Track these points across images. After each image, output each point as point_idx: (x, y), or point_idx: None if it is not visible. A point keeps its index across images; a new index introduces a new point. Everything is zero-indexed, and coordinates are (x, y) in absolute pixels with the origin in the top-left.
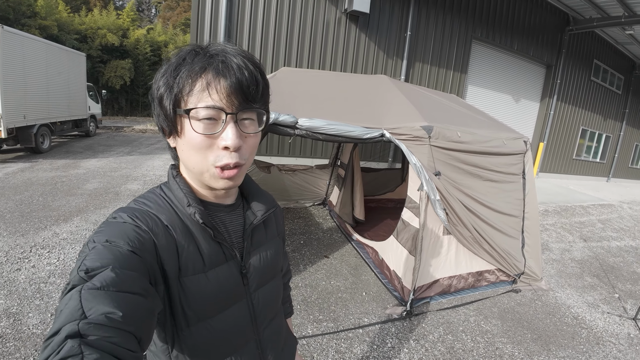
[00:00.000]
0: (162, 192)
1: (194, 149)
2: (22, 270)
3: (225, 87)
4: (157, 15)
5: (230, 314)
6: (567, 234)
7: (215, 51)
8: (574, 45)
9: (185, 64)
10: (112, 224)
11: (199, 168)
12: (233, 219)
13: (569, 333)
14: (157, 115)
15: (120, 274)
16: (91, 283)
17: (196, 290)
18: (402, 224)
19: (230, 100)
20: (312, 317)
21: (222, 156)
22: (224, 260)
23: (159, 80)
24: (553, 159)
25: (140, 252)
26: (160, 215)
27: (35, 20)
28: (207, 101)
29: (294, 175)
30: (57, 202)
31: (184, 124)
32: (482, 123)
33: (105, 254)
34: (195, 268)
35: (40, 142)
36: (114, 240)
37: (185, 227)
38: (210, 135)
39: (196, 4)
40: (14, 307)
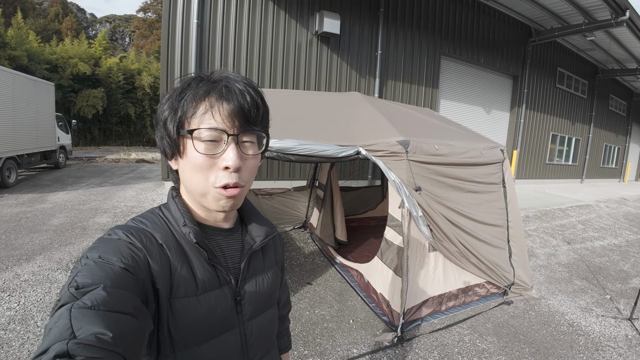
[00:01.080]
0: (161, 212)
1: (196, 169)
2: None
3: (227, 110)
4: (131, 43)
5: (219, 343)
6: (551, 238)
7: (219, 77)
8: (537, 55)
9: (190, 89)
10: (107, 240)
11: (200, 189)
12: (230, 244)
13: (567, 342)
14: (160, 138)
15: (111, 292)
16: (81, 301)
17: (186, 314)
18: (385, 244)
19: (232, 122)
20: (296, 353)
21: (222, 176)
22: (218, 285)
23: (164, 104)
24: (527, 165)
25: (133, 269)
26: (156, 233)
27: (5, 51)
28: (210, 122)
29: (271, 199)
30: (20, 240)
31: (186, 145)
32: (458, 134)
33: (97, 270)
34: (187, 290)
35: (6, 176)
36: (107, 256)
37: (180, 248)
38: (212, 155)
39: (166, 29)
40: None
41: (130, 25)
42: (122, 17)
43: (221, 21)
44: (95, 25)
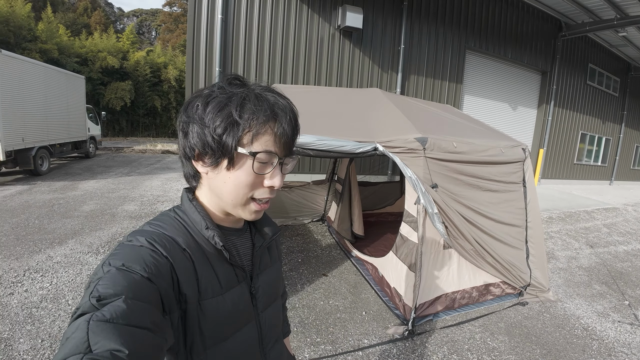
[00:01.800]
0: (177, 215)
1: (242, 185)
2: (14, 294)
3: (282, 137)
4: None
5: (242, 336)
6: (573, 240)
7: (275, 101)
8: (568, 50)
9: (251, 107)
10: (129, 246)
11: (239, 201)
12: (243, 242)
13: (580, 346)
14: (201, 143)
15: (131, 305)
16: (101, 313)
17: (215, 313)
18: (400, 239)
19: (282, 147)
20: (309, 340)
21: (264, 192)
22: (237, 282)
23: (214, 112)
24: (554, 165)
25: (155, 278)
26: (177, 237)
27: (36, 44)
28: (268, 147)
29: (291, 191)
30: (53, 225)
31: (242, 161)
32: (479, 132)
33: (119, 280)
34: (214, 291)
35: (39, 165)
36: (130, 264)
37: (201, 250)
38: (261, 174)
39: (191, 24)
40: (6, 332)
41: (157, 19)
42: (148, 11)
43: (245, 16)
44: (123, 19)
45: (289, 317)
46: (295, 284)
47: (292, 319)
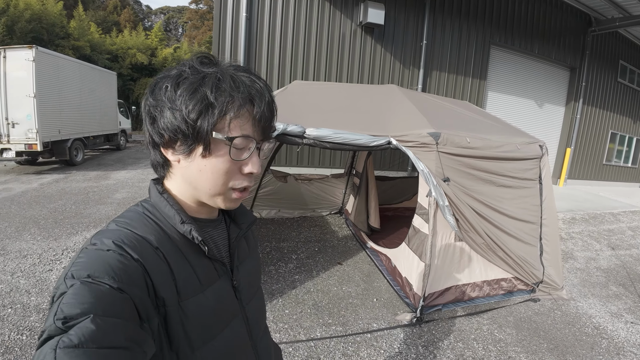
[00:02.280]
0: (146, 210)
1: (220, 173)
2: (53, 270)
3: (258, 120)
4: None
5: (230, 331)
6: (594, 242)
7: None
8: (597, 46)
9: (226, 87)
10: (93, 252)
11: (217, 190)
12: (220, 233)
13: (588, 343)
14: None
15: (101, 324)
16: (67, 338)
17: (198, 312)
18: (413, 231)
19: (259, 131)
20: (321, 321)
21: (243, 180)
22: (217, 277)
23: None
24: (582, 165)
25: (126, 287)
26: (149, 236)
27: (69, 41)
28: (245, 131)
29: (310, 184)
30: (89, 210)
31: (217, 147)
32: (495, 128)
33: (85, 295)
34: (194, 289)
35: (74, 155)
36: (96, 275)
37: (175, 247)
38: (239, 161)
39: (217, 22)
40: (44, 304)
41: (183, 16)
42: (175, 9)
43: (268, 14)
44: (151, 17)
45: (303, 300)
46: (311, 270)
47: (306, 301)
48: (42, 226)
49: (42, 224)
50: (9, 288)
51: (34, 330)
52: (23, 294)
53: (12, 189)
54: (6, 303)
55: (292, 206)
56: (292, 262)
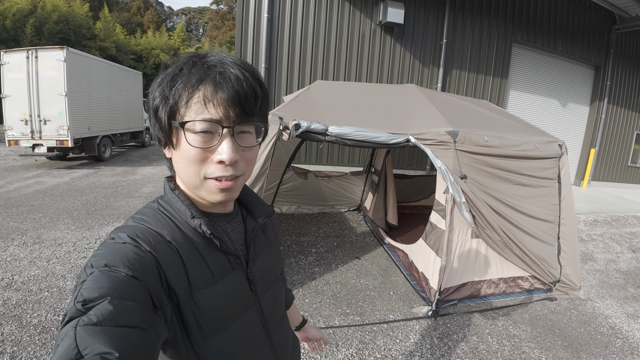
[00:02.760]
0: (160, 207)
1: (189, 162)
2: (88, 257)
3: (222, 100)
4: (205, 34)
5: (243, 322)
6: (616, 244)
7: (213, 62)
8: (622, 44)
9: (182, 75)
10: (111, 245)
11: (193, 181)
12: (234, 227)
13: (603, 342)
14: (152, 125)
15: (118, 305)
16: (87, 317)
17: (210, 303)
18: (430, 227)
19: (227, 113)
20: (339, 311)
21: (216, 169)
22: (231, 270)
23: (155, 90)
24: (606, 167)
25: (141, 275)
26: (162, 231)
27: (95, 42)
28: (204, 114)
29: (329, 181)
30: (118, 203)
31: (179, 137)
32: (514, 127)
33: (103, 281)
34: (205, 281)
35: (102, 151)
36: (113, 264)
37: (188, 241)
38: (205, 149)
39: (239, 24)
40: None
41: (204, 16)
42: (196, 9)
43: (289, 14)
44: (173, 18)
45: (322, 291)
46: (330, 263)
47: (325, 292)
48: (75, 217)
49: (75, 215)
50: (45, 273)
51: None
52: (59, 278)
53: (45, 182)
54: (43, 287)
55: (311, 202)
56: (311, 256)
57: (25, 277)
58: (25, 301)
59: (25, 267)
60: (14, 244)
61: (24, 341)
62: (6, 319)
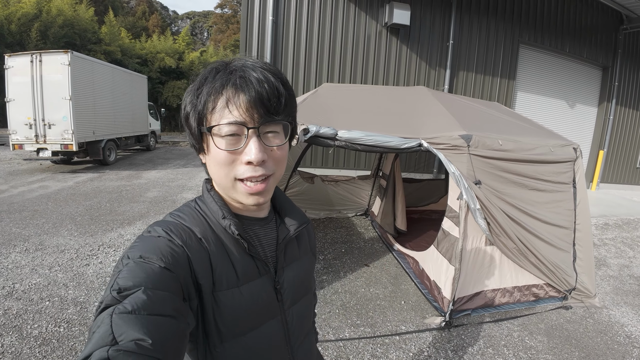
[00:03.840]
0: (197, 206)
1: (219, 165)
2: (90, 265)
3: (245, 102)
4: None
5: (264, 331)
6: (628, 249)
7: (235, 67)
8: (630, 44)
9: (207, 82)
10: (147, 238)
11: (225, 183)
12: (267, 233)
13: (620, 352)
14: (187, 134)
15: (151, 295)
16: (122, 306)
17: (230, 305)
18: (442, 234)
19: (251, 114)
20: (349, 322)
21: (245, 170)
22: (258, 275)
23: (186, 99)
24: (615, 168)
25: (173, 267)
26: (194, 228)
27: (101, 46)
28: (228, 117)
29: (336, 185)
30: (122, 208)
31: (208, 142)
32: (527, 130)
33: (138, 272)
34: (229, 282)
35: (107, 155)
36: (147, 256)
37: (219, 240)
38: (233, 151)
39: (244, 27)
40: (82, 297)
41: (208, 20)
42: (200, 13)
43: (294, 17)
44: (177, 22)
45: (331, 301)
46: (338, 271)
47: (334, 302)
48: (78, 222)
49: (78, 221)
50: (47, 282)
51: (71, 322)
52: (60, 287)
53: (49, 186)
54: (44, 296)
55: (318, 207)
56: (319, 263)
57: (26, 286)
58: (25, 311)
59: (27, 275)
60: (16, 251)
61: (24, 353)
62: (6, 330)
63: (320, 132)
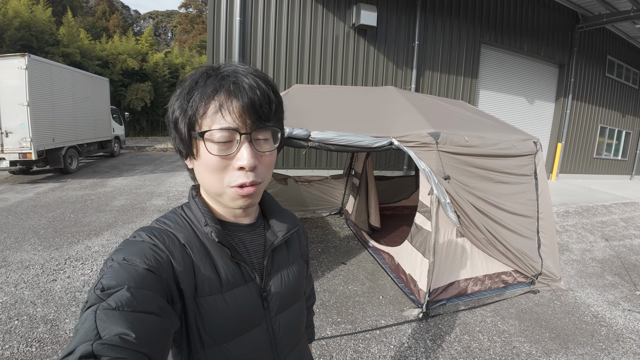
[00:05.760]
0: (183, 212)
1: (210, 171)
2: (57, 280)
3: (237, 108)
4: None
5: (248, 339)
6: (589, 234)
7: (227, 72)
8: (585, 42)
9: (198, 87)
10: (131, 242)
11: (215, 189)
12: (254, 239)
13: (588, 331)
14: (173, 138)
15: (135, 293)
16: (106, 303)
17: (212, 312)
18: (415, 228)
19: (243, 120)
20: (330, 320)
21: (238, 176)
22: (243, 282)
23: (174, 103)
24: (573, 159)
25: (156, 270)
26: (178, 234)
27: (59, 48)
28: (221, 123)
29: (310, 186)
30: (88, 218)
31: (199, 147)
32: (491, 126)
33: (122, 272)
34: (211, 288)
35: (68, 163)
36: (131, 258)
37: (203, 247)
38: (225, 156)
39: (211, 27)
40: (51, 314)
41: (172, 20)
42: (164, 13)
43: (262, 18)
44: (140, 22)
45: None
46: (316, 271)
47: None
48: (42, 236)
49: (41, 234)
50: (14, 300)
51: (43, 341)
52: (28, 305)
53: (8, 199)
54: (12, 315)
55: (292, 208)
56: None
57: None
58: None
59: None
60: None
61: None
62: None
63: (293, 133)
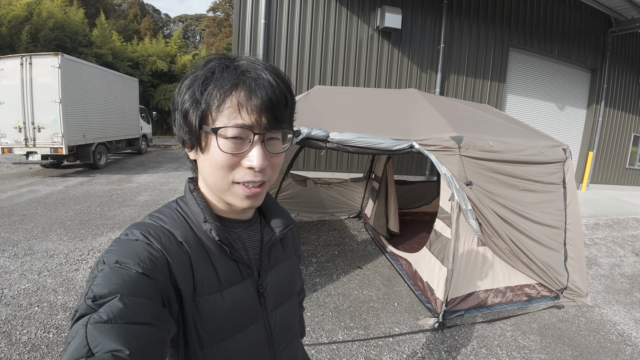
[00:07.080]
0: (178, 207)
1: (218, 167)
2: (79, 270)
3: (256, 107)
4: (201, 41)
5: (246, 336)
6: (619, 248)
7: (246, 67)
8: (618, 47)
9: (214, 79)
10: (124, 242)
11: (220, 186)
12: (250, 235)
13: (612, 350)
14: (179, 127)
15: (128, 302)
16: (98, 315)
17: (211, 311)
18: (434, 235)
19: (259, 119)
20: (343, 324)
21: (245, 174)
22: (240, 279)
23: (185, 93)
24: (604, 169)
25: (151, 272)
26: (175, 231)
27: (92, 49)
28: (236, 120)
29: (329, 188)
30: (113, 212)
31: (209, 141)
32: (518, 132)
33: (114, 278)
34: (210, 287)
35: (97, 159)
36: (124, 261)
37: (200, 244)
38: (235, 154)
39: (237, 30)
40: (71, 302)
41: (201, 24)
42: (193, 17)
43: (286, 21)
44: (170, 25)
45: (324, 304)
46: (331, 274)
47: (328, 304)
48: (68, 227)
49: (68, 225)
50: (36, 287)
51: (60, 328)
52: (50, 292)
53: (38, 190)
54: (33, 302)
55: (311, 210)
56: (312, 266)
57: (15, 291)
58: (14, 317)
59: (16, 280)
60: (5, 256)
61: (13, 359)
62: None
63: (312, 134)
